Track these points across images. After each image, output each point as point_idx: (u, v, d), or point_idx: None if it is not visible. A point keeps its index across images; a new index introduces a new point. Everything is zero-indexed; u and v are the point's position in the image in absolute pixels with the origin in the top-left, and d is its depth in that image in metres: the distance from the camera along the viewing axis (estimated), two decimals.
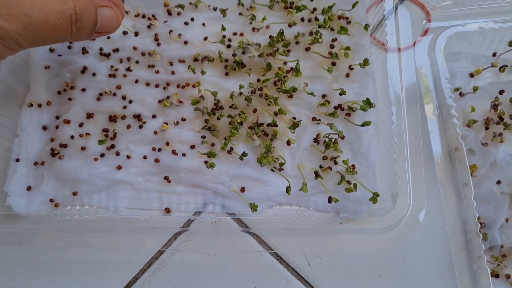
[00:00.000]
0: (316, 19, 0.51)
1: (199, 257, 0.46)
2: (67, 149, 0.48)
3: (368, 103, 0.46)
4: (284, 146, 0.47)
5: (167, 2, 0.53)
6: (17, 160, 0.48)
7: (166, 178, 0.47)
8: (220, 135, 0.48)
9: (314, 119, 0.48)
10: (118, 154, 0.48)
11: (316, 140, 0.47)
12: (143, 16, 0.54)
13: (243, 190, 0.46)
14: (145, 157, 0.48)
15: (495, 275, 0.43)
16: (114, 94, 0.50)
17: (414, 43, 0.50)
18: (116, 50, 0.52)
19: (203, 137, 0.48)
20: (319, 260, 0.46)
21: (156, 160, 0.48)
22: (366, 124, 0.45)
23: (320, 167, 0.47)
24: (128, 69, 0.51)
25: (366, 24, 0.50)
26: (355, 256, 0.46)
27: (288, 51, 0.50)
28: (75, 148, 0.48)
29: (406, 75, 0.48)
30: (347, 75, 0.49)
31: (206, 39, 0.51)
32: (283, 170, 0.47)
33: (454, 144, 0.46)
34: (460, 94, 0.47)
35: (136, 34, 0.52)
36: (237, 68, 0.50)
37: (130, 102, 0.50)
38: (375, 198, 0.44)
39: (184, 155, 0.47)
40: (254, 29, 0.52)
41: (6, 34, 0.32)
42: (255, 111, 0.48)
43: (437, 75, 0.47)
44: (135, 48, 0.52)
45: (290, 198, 0.46)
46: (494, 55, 0.49)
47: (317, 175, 0.46)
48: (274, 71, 0.49)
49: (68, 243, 0.46)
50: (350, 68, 0.49)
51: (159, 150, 0.48)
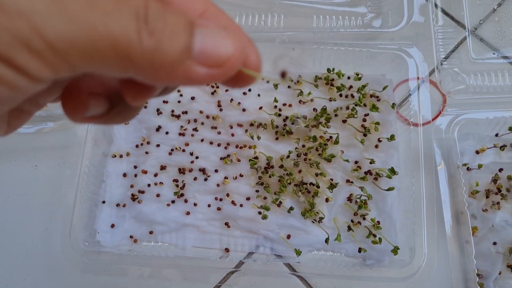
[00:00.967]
0: (352, 95, 0.64)
1: None
2: (144, 194, 0.60)
3: (392, 171, 0.58)
4: (323, 202, 0.60)
5: None
6: (103, 202, 0.60)
7: (226, 224, 0.59)
8: (271, 190, 0.60)
9: (348, 181, 0.60)
10: (186, 201, 0.60)
11: (349, 199, 0.59)
12: (207, 83, 0.65)
13: (289, 237, 0.58)
14: (209, 205, 0.60)
15: None
16: (183, 150, 0.62)
17: (433, 119, 0.62)
18: (185, 112, 0.64)
19: (257, 191, 0.60)
20: None
21: (218, 208, 0.60)
22: (390, 189, 0.58)
23: (352, 221, 0.59)
24: (195, 129, 0.63)
25: (393, 104, 0.62)
26: None
27: (328, 122, 0.62)
28: (151, 194, 0.60)
29: (424, 149, 0.60)
30: (376, 146, 0.61)
31: (261, 108, 0.63)
32: (322, 222, 0.59)
33: (460, 208, 0.58)
34: (467, 169, 0.59)
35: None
36: (286, 135, 0.62)
37: (197, 157, 0.62)
38: (395, 250, 0.56)
39: (241, 205, 0.60)
40: (300, 101, 0.64)
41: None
42: (300, 171, 0.61)
43: (450, 151, 0.60)
44: (201, 111, 0.64)
45: (326, 245, 0.58)
46: (496, 135, 0.61)
47: (349, 228, 0.58)
48: (317, 140, 0.61)
49: (144, 274, 0.59)
50: (379, 140, 0.61)
51: (221, 200, 0.60)
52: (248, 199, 0.60)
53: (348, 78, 0.65)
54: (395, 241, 0.57)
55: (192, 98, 0.65)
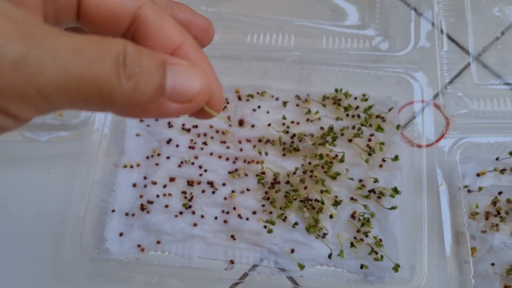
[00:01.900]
0: (358, 116, 0.67)
1: None
2: (153, 205, 0.63)
3: (395, 191, 0.61)
4: (327, 218, 0.62)
5: (238, 90, 0.68)
6: (113, 210, 0.63)
7: (232, 236, 0.62)
8: (277, 205, 0.63)
9: (352, 199, 0.63)
10: (194, 213, 0.63)
11: (352, 216, 0.62)
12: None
13: (293, 251, 0.61)
14: (216, 217, 0.63)
15: None
16: (193, 163, 0.65)
17: (436, 141, 0.65)
18: (196, 126, 0.67)
19: (263, 205, 0.63)
20: None
21: (225, 221, 0.62)
22: (393, 208, 0.61)
23: (354, 238, 0.62)
24: (205, 143, 0.66)
25: (398, 125, 0.65)
26: None
27: (335, 140, 0.65)
28: (160, 205, 0.63)
29: (427, 170, 0.63)
30: (380, 166, 0.64)
31: (269, 125, 0.66)
32: (325, 238, 0.61)
33: (460, 229, 0.61)
34: (468, 191, 0.62)
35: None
36: (293, 152, 0.65)
37: (205, 171, 0.65)
38: (396, 267, 0.59)
39: (247, 219, 0.62)
40: (308, 119, 0.67)
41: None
42: (305, 188, 0.63)
43: (451, 173, 0.63)
44: (211, 126, 0.67)
45: (329, 260, 0.61)
46: (497, 159, 0.64)
47: (352, 244, 0.61)
48: (322, 157, 0.64)
49: (150, 283, 0.61)
50: (383, 160, 0.64)
51: (228, 213, 0.63)
52: (254, 213, 0.63)
53: (355, 99, 0.68)
54: (396, 258, 0.60)
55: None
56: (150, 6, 0.24)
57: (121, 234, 0.62)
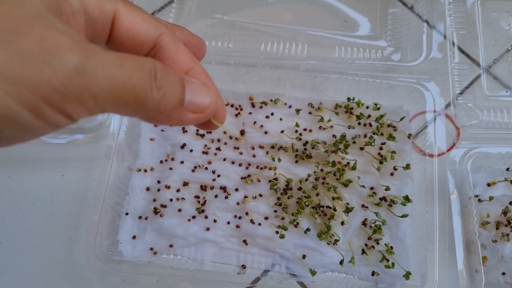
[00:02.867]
0: (370, 124, 0.68)
1: None
2: (166, 209, 0.64)
3: (407, 199, 0.62)
4: (339, 225, 0.63)
5: (252, 97, 0.70)
6: (126, 213, 0.64)
7: (244, 241, 0.63)
8: (289, 211, 0.64)
9: (363, 206, 0.64)
10: (206, 217, 0.64)
11: (364, 223, 0.63)
12: (232, 105, 0.70)
13: (304, 257, 0.62)
14: (228, 222, 0.64)
15: None
16: (206, 168, 0.66)
17: (448, 150, 0.67)
18: (209, 132, 0.69)
19: (275, 211, 0.64)
20: None
21: (237, 226, 0.63)
22: (404, 216, 0.62)
23: (366, 245, 0.62)
24: (218, 148, 0.67)
25: (409, 134, 0.66)
26: None
27: (347, 148, 0.66)
28: (173, 209, 0.64)
29: (439, 178, 0.64)
30: (392, 174, 0.65)
31: (282, 132, 0.68)
32: (336, 244, 0.62)
33: (471, 238, 0.62)
34: (479, 201, 0.63)
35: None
36: (305, 159, 0.66)
37: (219, 176, 0.66)
38: (407, 275, 0.60)
39: (260, 224, 0.63)
40: (321, 127, 0.68)
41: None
42: (317, 194, 0.64)
43: (462, 182, 0.64)
44: (224, 132, 0.68)
45: (340, 267, 0.62)
46: (507, 169, 0.65)
47: (363, 251, 0.62)
48: (334, 164, 0.65)
49: (162, 286, 0.62)
50: (395, 168, 0.65)
51: (240, 218, 0.64)
52: (267, 218, 0.64)
53: (367, 108, 0.70)
54: (407, 266, 0.61)
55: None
56: (168, 34, 0.29)
57: (134, 237, 0.63)
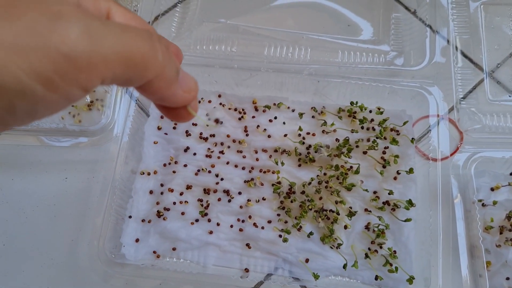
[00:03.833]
0: (373, 128, 0.68)
1: None
2: (169, 212, 0.64)
3: (410, 203, 0.62)
4: (342, 229, 0.63)
5: (255, 100, 0.70)
6: (130, 217, 0.64)
7: (247, 245, 0.63)
8: (292, 215, 0.64)
9: (366, 210, 0.64)
10: (209, 221, 0.64)
11: (367, 227, 0.63)
12: (235, 109, 0.70)
13: (307, 261, 0.62)
14: (231, 226, 0.64)
15: None
16: (209, 172, 0.66)
17: (451, 154, 0.66)
18: (213, 136, 0.68)
19: (278, 215, 0.64)
20: None
21: (240, 230, 0.63)
22: (407, 220, 0.61)
23: (369, 249, 0.62)
24: (222, 152, 0.67)
25: (412, 138, 0.66)
26: None
27: (350, 152, 0.66)
28: (176, 212, 0.64)
29: (442, 183, 0.64)
30: (395, 178, 0.65)
31: (286, 135, 0.68)
32: (340, 248, 0.62)
33: (475, 243, 0.61)
34: (482, 205, 0.63)
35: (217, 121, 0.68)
36: (308, 162, 0.66)
37: (222, 179, 0.66)
38: (411, 280, 0.59)
39: (263, 228, 0.63)
40: (324, 131, 0.68)
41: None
42: (321, 198, 0.64)
43: (466, 187, 0.64)
44: (228, 135, 0.68)
45: (343, 271, 0.61)
46: (511, 174, 0.65)
47: (366, 256, 0.61)
48: (337, 168, 0.65)
49: None
50: (398, 172, 0.65)
51: (243, 221, 0.64)
52: (270, 222, 0.64)
53: (370, 112, 0.69)
54: (411, 271, 0.60)
55: (221, 123, 0.69)
56: (154, 32, 0.30)
57: (137, 240, 0.63)
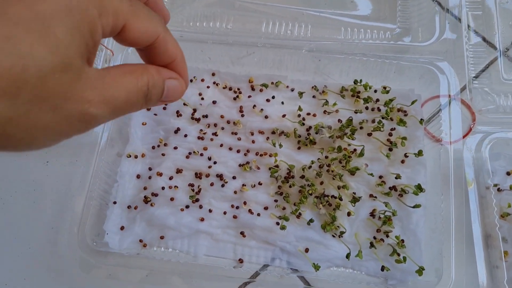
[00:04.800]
0: (379, 109, 0.63)
1: None
2: (157, 198, 0.59)
3: (419, 188, 0.57)
4: (345, 216, 0.57)
5: (251, 79, 0.65)
6: (114, 202, 0.59)
7: (242, 233, 0.57)
8: (291, 200, 0.58)
9: (371, 196, 0.58)
10: (201, 207, 0.58)
11: (372, 214, 0.57)
12: (230, 88, 0.65)
13: (307, 250, 0.56)
14: (224, 212, 0.58)
15: None
16: (201, 155, 0.61)
17: (463, 137, 0.61)
18: (206, 116, 0.63)
19: (276, 200, 0.58)
20: None
21: (235, 216, 0.58)
22: (417, 206, 0.56)
23: (374, 238, 0.57)
24: (215, 133, 0.62)
25: (421, 119, 0.61)
26: None
27: (353, 134, 0.61)
28: (165, 198, 0.59)
29: (454, 167, 0.58)
30: (402, 161, 0.59)
31: (284, 116, 0.62)
32: (342, 237, 0.57)
33: (491, 231, 0.56)
34: (498, 190, 0.57)
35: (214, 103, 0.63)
36: (308, 144, 0.60)
37: (215, 163, 0.60)
38: (421, 271, 0.54)
39: (259, 214, 0.58)
40: (325, 111, 0.63)
41: (98, 120, 0.32)
42: (322, 183, 0.59)
43: (480, 171, 0.58)
44: (222, 116, 0.63)
45: (346, 261, 0.56)
46: None
47: (371, 245, 0.56)
48: (340, 150, 0.59)
49: (152, 281, 0.56)
50: (406, 155, 0.59)
51: (237, 208, 0.58)
52: (266, 208, 0.58)
53: (375, 92, 0.64)
54: (420, 261, 0.55)
55: (214, 103, 0.64)
56: (161, 36, 0.34)
57: (122, 228, 0.58)
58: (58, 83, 0.27)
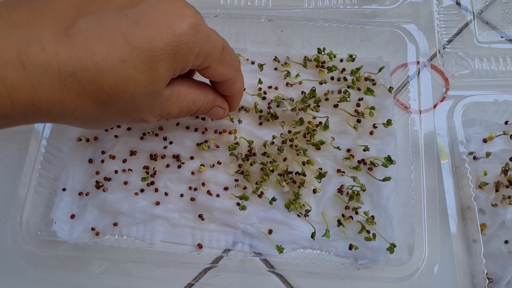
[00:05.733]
0: (345, 79, 0.58)
1: None
2: (110, 182, 0.54)
3: (389, 160, 0.52)
4: (310, 194, 0.53)
5: None
6: (63, 189, 0.54)
7: (200, 216, 0.53)
8: (252, 179, 0.53)
9: (339, 171, 0.54)
10: (157, 190, 0.54)
11: (340, 190, 0.53)
12: None
13: (270, 232, 0.51)
14: (181, 195, 0.54)
15: None
16: (156, 135, 0.56)
17: (434, 106, 0.56)
18: None
19: (236, 180, 0.54)
20: None
21: (192, 199, 0.53)
22: (386, 179, 0.51)
23: (342, 215, 0.52)
24: None
25: (390, 87, 0.56)
26: None
27: (318, 106, 0.56)
28: (118, 182, 0.54)
29: (425, 136, 0.54)
30: (371, 133, 0.55)
31: (244, 90, 0.57)
32: (308, 216, 0.52)
33: (467, 203, 0.51)
34: (474, 158, 0.52)
35: None
36: (270, 119, 0.56)
37: (171, 143, 0.56)
38: (392, 248, 0.49)
39: (218, 196, 0.53)
40: (288, 84, 0.58)
41: (149, 123, 0.40)
42: (285, 159, 0.54)
43: (454, 139, 0.53)
44: None
45: (313, 242, 0.51)
46: (506, 123, 0.55)
47: (339, 223, 0.51)
48: (304, 124, 0.55)
49: (106, 270, 0.52)
50: (374, 126, 0.55)
51: (195, 189, 0.54)
52: (226, 189, 0.54)
53: (341, 61, 0.59)
54: (391, 238, 0.50)
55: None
56: (233, 80, 0.44)
57: (72, 217, 0.53)
58: (141, 102, 0.34)
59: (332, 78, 0.58)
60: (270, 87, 0.58)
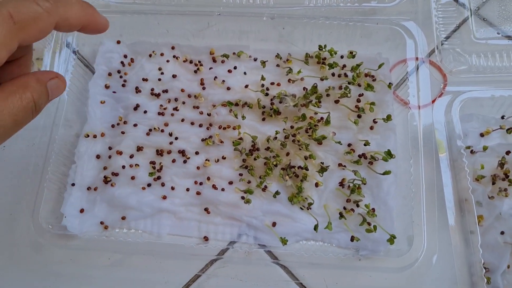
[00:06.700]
0: (346, 75, 0.58)
1: (232, 282, 0.52)
2: (118, 177, 0.55)
3: (389, 154, 0.53)
4: (313, 187, 0.54)
5: (212, 51, 0.60)
6: (72, 184, 0.55)
7: (206, 210, 0.53)
8: (256, 173, 0.54)
9: (340, 165, 0.54)
10: (163, 185, 0.55)
11: (341, 184, 0.54)
12: (191, 61, 0.61)
13: (274, 225, 0.52)
14: (187, 189, 0.54)
15: None
16: (162, 131, 0.57)
17: (433, 102, 0.57)
18: (166, 91, 0.59)
19: (241, 174, 0.55)
20: None
21: (198, 193, 0.54)
22: (386, 173, 0.52)
23: (344, 208, 0.53)
24: (176, 108, 0.58)
25: (390, 83, 0.57)
26: None
27: (320, 102, 0.57)
28: (126, 177, 0.55)
29: (424, 131, 0.54)
30: (371, 128, 0.55)
31: (247, 86, 0.58)
32: (311, 209, 0.53)
33: (464, 195, 0.52)
34: (471, 152, 0.53)
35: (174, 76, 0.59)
36: (273, 115, 0.56)
37: (176, 138, 0.56)
38: (392, 239, 0.50)
39: (223, 190, 0.54)
40: (290, 80, 0.59)
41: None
42: (288, 154, 0.55)
43: (451, 133, 0.54)
44: (182, 90, 0.59)
45: (316, 234, 0.52)
46: (502, 117, 0.56)
47: (341, 215, 0.52)
48: (306, 120, 0.56)
49: (115, 263, 0.53)
50: (374, 121, 0.55)
51: (201, 184, 0.55)
52: (231, 183, 0.55)
53: (342, 57, 0.60)
54: (391, 229, 0.51)
55: (174, 76, 0.60)
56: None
57: (81, 211, 0.54)
58: None
59: (333, 75, 0.59)
60: (272, 83, 0.59)
